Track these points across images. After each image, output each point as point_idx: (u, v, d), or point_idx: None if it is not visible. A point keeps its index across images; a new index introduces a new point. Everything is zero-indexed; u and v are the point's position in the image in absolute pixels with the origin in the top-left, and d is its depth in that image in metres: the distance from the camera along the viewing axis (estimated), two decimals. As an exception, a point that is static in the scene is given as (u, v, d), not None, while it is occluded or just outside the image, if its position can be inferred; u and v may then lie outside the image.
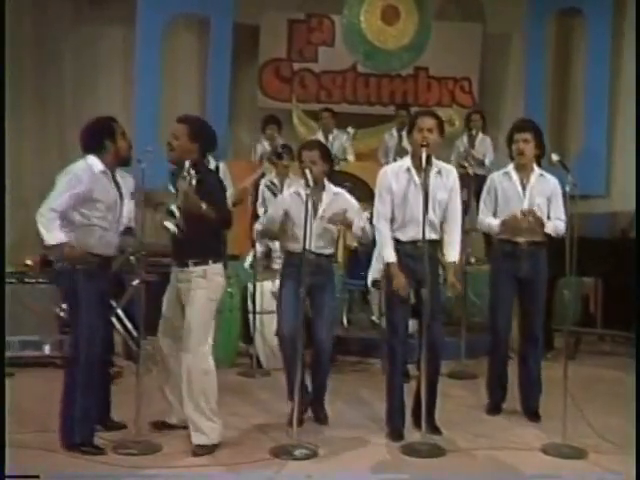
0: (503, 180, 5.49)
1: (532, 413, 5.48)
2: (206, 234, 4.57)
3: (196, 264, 4.61)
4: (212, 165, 7.00)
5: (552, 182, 5.43)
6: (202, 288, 4.60)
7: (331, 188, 5.27)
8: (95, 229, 4.55)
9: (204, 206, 4.44)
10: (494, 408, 5.62)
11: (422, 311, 4.78)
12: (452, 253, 4.97)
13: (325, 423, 5.26)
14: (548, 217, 5.41)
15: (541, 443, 4.85)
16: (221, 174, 7.29)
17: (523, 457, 4.67)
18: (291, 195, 5.33)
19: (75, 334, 4.57)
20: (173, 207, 4.36)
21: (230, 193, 7.24)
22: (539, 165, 5.51)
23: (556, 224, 5.36)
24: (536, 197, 5.40)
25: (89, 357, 4.49)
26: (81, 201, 4.49)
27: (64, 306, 5.85)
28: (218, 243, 4.78)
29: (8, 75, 7.92)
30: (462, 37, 10.88)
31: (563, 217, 5.37)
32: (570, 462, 4.60)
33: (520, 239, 5.39)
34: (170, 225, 4.36)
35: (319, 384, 5.34)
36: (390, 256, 4.91)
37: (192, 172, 4.50)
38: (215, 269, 4.66)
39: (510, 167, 5.51)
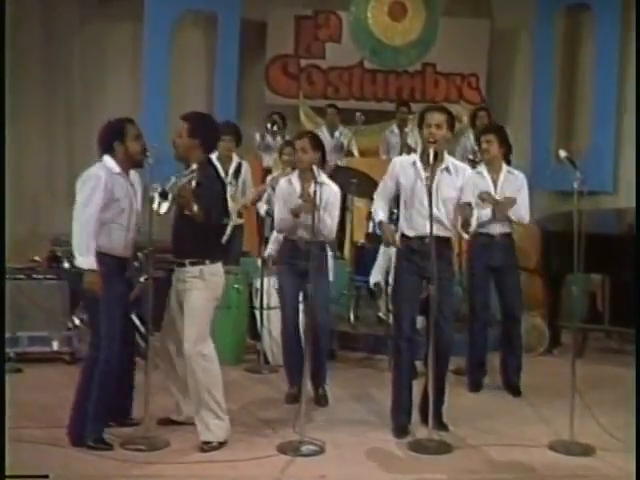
0: (476, 178, 5.84)
1: (514, 389, 5.96)
2: (204, 233, 4.57)
3: (192, 264, 4.60)
4: (235, 162, 7.01)
5: (520, 178, 6.06)
6: (198, 289, 4.59)
7: (321, 178, 5.35)
8: (114, 230, 4.57)
9: (195, 208, 4.42)
10: (475, 386, 6.04)
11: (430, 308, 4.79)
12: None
13: (325, 404, 5.49)
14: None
15: (548, 440, 4.85)
16: (243, 173, 7.32)
17: (530, 454, 4.67)
18: (284, 182, 5.66)
19: (95, 335, 4.60)
20: (167, 189, 4.37)
21: (249, 192, 7.31)
22: (508, 163, 6.08)
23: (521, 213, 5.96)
24: (506, 193, 5.93)
25: (108, 357, 4.52)
26: (105, 202, 4.50)
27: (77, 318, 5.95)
28: (217, 243, 4.77)
29: (17, 71, 7.96)
30: (470, 33, 10.83)
31: (527, 205, 5.99)
32: (577, 459, 4.60)
33: (494, 232, 5.91)
34: (161, 207, 4.36)
35: (319, 366, 5.46)
36: (379, 215, 5.00)
37: (194, 174, 4.52)
38: (212, 269, 4.64)
39: (482, 167, 6.09)
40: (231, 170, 6.97)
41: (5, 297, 4.88)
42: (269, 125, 9.10)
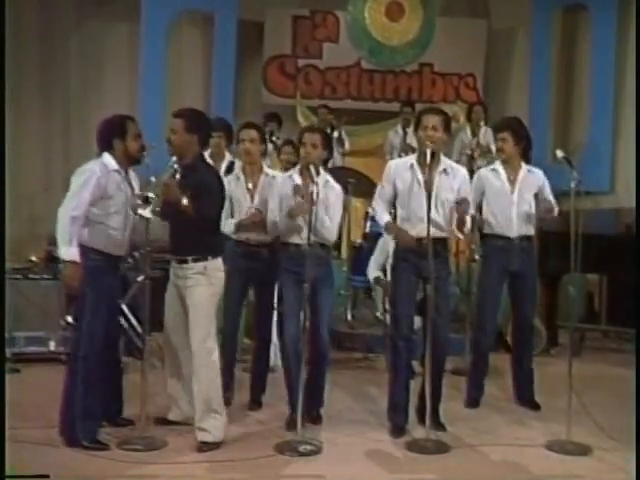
0: (491, 176, 5.63)
1: (532, 402, 5.61)
2: (204, 229, 4.57)
3: (195, 260, 4.60)
4: (227, 160, 7.00)
5: (539, 175, 5.63)
6: (202, 285, 4.60)
7: (324, 176, 5.07)
8: (106, 227, 4.55)
9: (185, 201, 4.42)
10: (474, 403, 5.66)
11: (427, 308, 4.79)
12: None
13: (319, 424, 5.07)
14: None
15: (545, 439, 4.86)
16: (236, 170, 7.30)
17: (527, 453, 4.68)
18: (284, 180, 5.19)
19: (78, 331, 4.59)
20: (149, 194, 4.41)
21: None
22: (527, 159, 5.64)
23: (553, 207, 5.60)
24: (525, 193, 5.56)
25: (90, 355, 4.50)
26: (97, 197, 4.49)
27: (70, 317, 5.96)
28: (217, 238, 4.78)
29: (14, 71, 7.95)
30: (467, 33, 10.86)
31: (553, 200, 5.59)
32: (574, 459, 4.60)
33: (512, 234, 5.52)
34: (145, 213, 4.40)
35: (317, 382, 5.08)
36: (384, 218, 4.94)
37: (176, 166, 4.53)
38: (215, 264, 4.65)
39: (497, 164, 5.67)
40: (223, 168, 6.93)
41: (5, 298, 4.87)
42: (267, 135, 9.08)
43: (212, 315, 4.64)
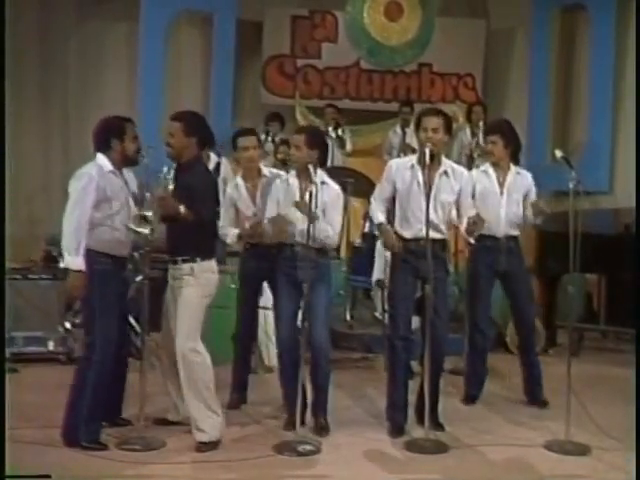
0: (481, 178, 5.65)
1: (540, 401, 5.64)
2: (195, 231, 4.57)
3: (185, 261, 4.61)
4: (213, 161, 6.96)
5: (528, 178, 5.70)
6: (190, 286, 4.61)
7: (320, 176, 4.93)
8: (109, 229, 4.55)
9: (182, 209, 4.45)
10: (470, 400, 5.69)
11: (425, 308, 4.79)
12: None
13: (324, 434, 4.90)
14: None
15: (544, 439, 4.86)
16: (222, 170, 7.24)
17: (527, 453, 4.68)
18: (281, 181, 5.11)
19: (90, 335, 4.58)
20: (147, 213, 4.48)
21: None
22: (516, 161, 5.72)
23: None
24: (513, 194, 5.62)
25: (103, 358, 4.51)
26: (97, 201, 4.49)
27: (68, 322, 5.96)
28: (209, 239, 4.78)
29: (13, 70, 7.94)
30: (466, 33, 10.86)
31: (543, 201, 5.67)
32: (574, 458, 4.61)
33: (499, 234, 5.55)
34: (143, 230, 4.47)
35: (319, 390, 5.02)
36: (379, 217, 4.96)
37: (169, 176, 4.56)
38: (204, 266, 4.65)
39: (488, 166, 5.71)
40: (210, 169, 6.93)
41: (5, 297, 4.86)
42: (263, 136, 9.09)
43: (199, 316, 4.63)
